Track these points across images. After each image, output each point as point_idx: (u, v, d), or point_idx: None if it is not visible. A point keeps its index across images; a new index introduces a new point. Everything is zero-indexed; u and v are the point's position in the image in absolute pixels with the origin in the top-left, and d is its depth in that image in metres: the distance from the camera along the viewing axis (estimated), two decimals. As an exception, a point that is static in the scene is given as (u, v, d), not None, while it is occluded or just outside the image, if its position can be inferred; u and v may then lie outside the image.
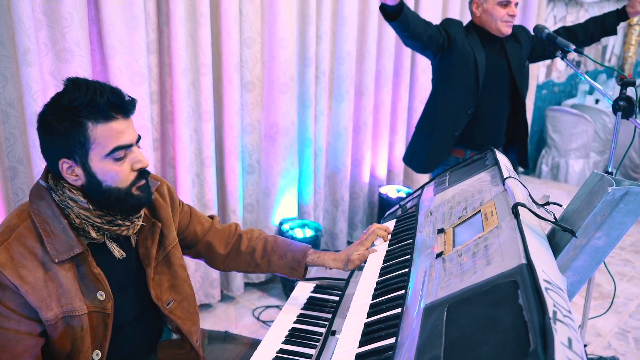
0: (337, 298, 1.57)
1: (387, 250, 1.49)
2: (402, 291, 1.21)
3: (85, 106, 1.16)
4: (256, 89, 2.89)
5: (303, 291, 1.64)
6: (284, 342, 1.38)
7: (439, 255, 1.20)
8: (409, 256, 1.36)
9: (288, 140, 3.00)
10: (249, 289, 3.14)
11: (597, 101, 5.24)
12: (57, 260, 1.18)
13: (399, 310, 1.14)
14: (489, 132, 2.68)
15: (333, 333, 1.32)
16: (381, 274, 1.37)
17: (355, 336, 1.14)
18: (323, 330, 1.41)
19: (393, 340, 1.05)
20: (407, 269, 1.30)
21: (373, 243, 1.58)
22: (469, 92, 2.57)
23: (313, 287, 1.67)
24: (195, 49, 2.55)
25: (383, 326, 1.12)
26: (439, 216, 1.45)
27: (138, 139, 1.26)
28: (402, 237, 1.52)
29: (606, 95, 2.05)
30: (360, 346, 1.10)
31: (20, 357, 1.18)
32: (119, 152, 1.20)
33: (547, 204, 1.33)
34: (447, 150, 2.65)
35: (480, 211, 1.28)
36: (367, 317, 1.19)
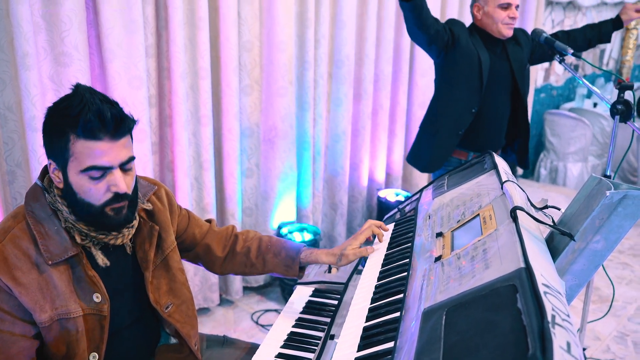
0: (335, 302, 1.57)
1: (386, 254, 1.49)
2: (401, 295, 1.21)
3: (71, 118, 1.14)
4: (255, 92, 2.89)
5: (302, 295, 1.64)
6: (282, 347, 1.38)
7: (438, 259, 1.20)
8: (408, 260, 1.36)
9: (287, 144, 3.00)
10: (248, 293, 3.14)
11: (595, 105, 5.25)
12: (50, 262, 1.18)
13: (397, 314, 1.14)
14: (491, 133, 2.70)
15: (332, 337, 1.32)
16: (380, 278, 1.37)
17: (354, 340, 1.14)
18: (322, 334, 1.41)
19: (392, 344, 1.05)
20: (405, 273, 1.30)
21: (372, 244, 1.58)
22: (473, 91, 2.59)
23: (312, 291, 1.66)
24: (193, 52, 2.55)
25: (382, 330, 1.12)
26: (438, 220, 1.45)
27: (127, 161, 1.20)
28: (400, 241, 1.52)
29: (604, 99, 2.06)
30: (359, 350, 1.10)
31: (14, 359, 1.17)
32: (94, 172, 1.17)
33: (546, 207, 1.33)
34: (451, 150, 2.67)
35: (478, 215, 1.28)
36: (366, 321, 1.19)
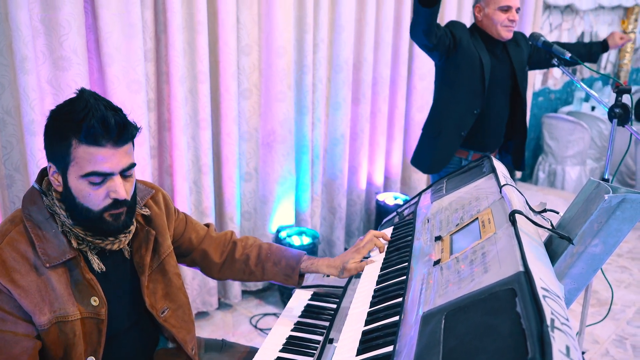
0: (334, 306, 1.56)
1: (385, 258, 1.49)
2: (400, 299, 1.21)
3: (74, 123, 1.14)
4: (253, 96, 2.89)
5: (300, 299, 1.64)
6: (281, 351, 1.37)
7: (437, 262, 1.20)
8: (407, 264, 1.36)
9: (285, 148, 3.00)
10: (247, 297, 3.14)
11: (593, 108, 5.26)
12: (48, 265, 1.18)
13: (396, 318, 1.14)
14: (491, 134, 2.73)
15: (331, 341, 1.32)
16: (379, 282, 1.37)
17: (353, 344, 1.14)
18: (321, 338, 1.41)
19: (391, 348, 1.05)
20: (404, 277, 1.30)
21: (369, 253, 1.57)
22: (475, 93, 2.61)
23: (310, 295, 1.66)
24: (192, 56, 2.55)
25: (381, 334, 1.12)
26: (437, 223, 1.45)
27: (128, 168, 1.21)
28: (399, 245, 1.52)
29: (602, 102, 2.06)
30: (358, 354, 1.10)
31: (17, 359, 1.17)
32: (95, 177, 1.17)
33: (544, 211, 1.33)
34: (454, 151, 2.70)
35: (477, 218, 1.28)
36: (365, 325, 1.19)
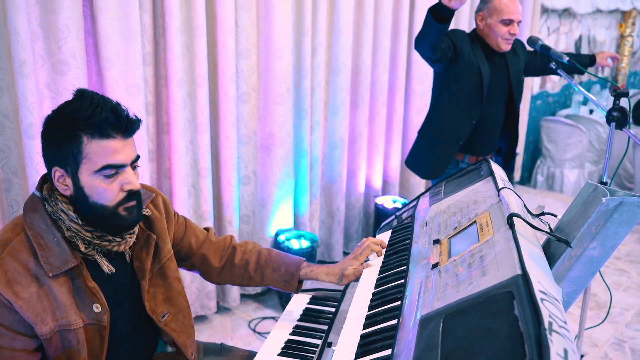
0: (333, 309, 1.56)
1: (383, 262, 1.49)
2: (398, 302, 1.21)
3: (83, 120, 1.15)
4: (252, 100, 2.90)
5: (299, 303, 1.64)
6: (279, 354, 1.37)
7: (435, 266, 1.20)
8: (405, 267, 1.36)
9: (284, 151, 3.01)
10: (245, 301, 3.13)
11: (591, 111, 5.27)
12: (51, 275, 1.18)
13: (395, 321, 1.14)
14: (487, 139, 2.75)
15: (329, 345, 1.32)
16: (377, 285, 1.37)
17: (351, 348, 1.14)
18: (319, 341, 1.41)
19: (389, 351, 1.05)
20: (403, 280, 1.30)
21: (367, 258, 1.57)
22: (473, 103, 2.63)
23: (309, 299, 1.66)
24: (191, 60, 2.56)
25: (379, 337, 1.12)
26: (435, 227, 1.45)
27: (135, 159, 1.24)
28: (398, 248, 1.52)
29: (600, 105, 2.07)
30: (356, 358, 1.10)
31: None
32: (109, 170, 1.19)
33: (542, 214, 1.33)
34: (451, 157, 2.73)
35: (475, 222, 1.28)
36: (364, 329, 1.19)
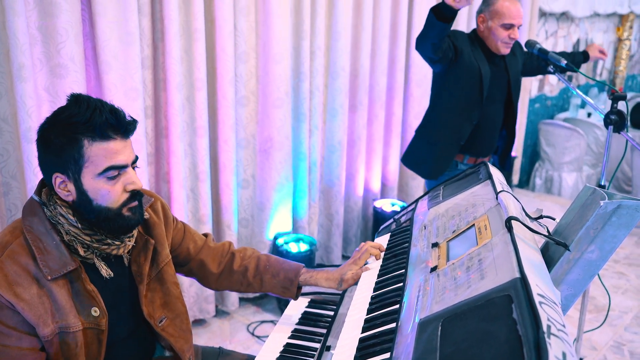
0: (331, 313, 1.56)
1: (382, 265, 1.49)
2: (397, 306, 1.21)
3: (82, 123, 1.16)
4: (251, 103, 2.90)
5: (298, 306, 1.64)
6: (278, 358, 1.37)
7: (433, 269, 1.20)
8: (404, 270, 1.36)
9: (282, 155, 3.01)
10: (244, 304, 3.13)
11: (589, 115, 5.28)
12: (50, 278, 1.18)
13: (393, 325, 1.14)
14: (486, 140, 2.76)
15: (328, 348, 1.32)
16: (376, 289, 1.37)
17: (350, 351, 1.14)
18: (318, 345, 1.41)
19: (388, 355, 1.05)
20: (401, 284, 1.30)
21: (366, 261, 1.57)
22: (474, 103, 2.64)
23: (308, 302, 1.66)
24: (189, 64, 2.56)
25: (378, 341, 1.12)
26: (433, 230, 1.45)
27: (135, 160, 1.25)
28: (396, 252, 1.52)
29: (598, 109, 2.07)
30: (355, 361, 1.10)
31: None
32: (112, 171, 1.20)
33: (541, 217, 1.33)
34: (452, 158, 2.74)
35: (474, 225, 1.29)
36: (362, 332, 1.19)
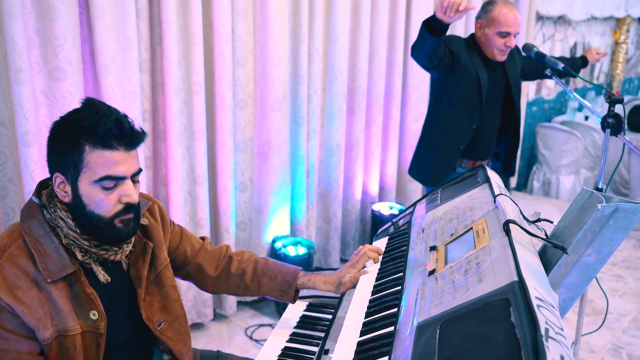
0: (330, 316, 1.56)
1: (380, 268, 1.49)
2: (395, 309, 1.21)
3: (87, 129, 1.16)
4: (249, 107, 2.90)
5: (296, 310, 1.63)
6: (276, 362, 1.37)
7: (432, 272, 1.20)
8: (402, 274, 1.36)
9: (280, 158, 3.01)
10: (242, 308, 3.12)
11: (586, 118, 5.30)
12: (49, 280, 1.17)
13: (392, 328, 1.14)
14: (484, 144, 2.76)
15: (326, 352, 1.31)
16: (374, 292, 1.37)
17: (348, 355, 1.14)
18: (316, 349, 1.40)
19: (386, 359, 1.05)
20: (399, 287, 1.30)
21: (365, 265, 1.57)
22: (473, 108, 2.65)
23: (306, 306, 1.66)
24: (187, 68, 2.56)
25: (376, 345, 1.12)
26: (431, 233, 1.45)
27: (137, 173, 1.23)
28: (394, 255, 1.52)
29: (595, 112, 2.08)
30: (353, 365, 1.09)
31: None
32: (108, 181, 1.18)
33: (538, 220, 1.33)
34: (453, 163, 2.74)
35: (471, 228, 1.29)
36: (360, 336, 1.19)
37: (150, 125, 2.55)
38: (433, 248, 1.33)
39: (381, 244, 1.70)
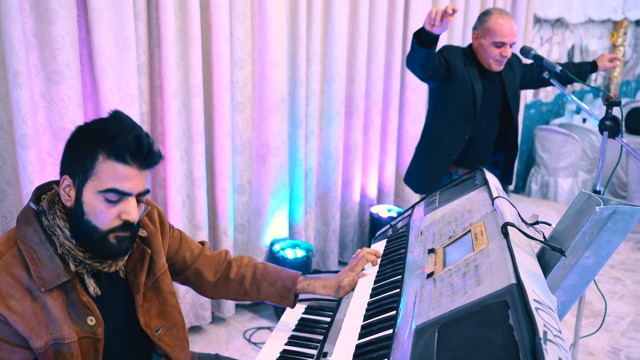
0: (328, 319, 1.56)
1: (378, 271, 1.49)
2: (394, 312, 1.21)
3: (106, 138, 1.16)
4: (247, 109, 2.90)
5: (294, 312, 1.63)
6: (275, 365, 1.37)
7: (430, 275, 1.20)
8: (400, 276, 1.36)
9: (279, 161, 3.01)
10: (240, 311, 3.12)
11: (584, 120, 5.31)
12: (43, 289, 1.17)
13: (390, 331, 1.14)
14: (479, 154, 2.77)
15: (325, 355, 1.31)
16: (372, 295, 1.37)
17: (346, 358, 1.13)
18: (314, 352, 1.40)
19: (385, 361, 1.04)
20: (398, 290, 1.30)
21: (363, 268, 1.57)
22: (466, 118, 2.66)
23: (304, 309, 1.66)
24: (186, 70, 2.56)
25: (375, 347, 1.12)
26: (430, 236, 1.45)
27: (143, 193, 1.23)
28: (393, 258, 1.52)
29: (593, 115, 2.08)
30: (351, 368, 1.09)
31: None
32: (113, 194, 1.18)
33: (537, 223, 1.34)
34: (445, 172, 2.75)
35: (470, 231, 1.29)
36: (359, 339, 1.19)
37: (148, 128, 2.55)
38: (431, 251, 1.33)
39: (379, 246, 1.70)
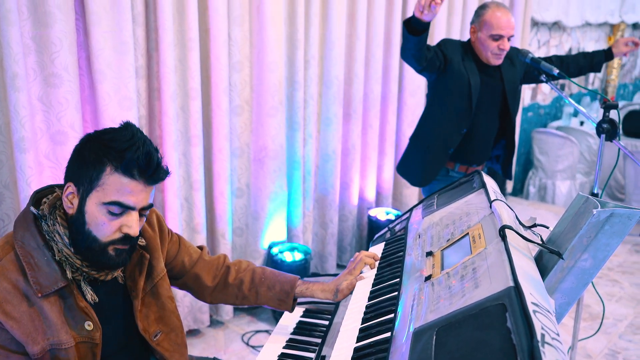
0: (326, 322, 1.56)
1: (377, 274, 1.49)
2: (392, 315, 1.21)
3: (115, 151, 1.16)
4: (245, 112, 2.90)
5: (292, 316, 1.63)
6: (273, 368, 1.36)
7: (428, 278, 1.20)
8: (398, 279, 1.36)
9: (277, 164, 3.01)
10: (238, 314, 3.11)
11: (581, 123, 5.32)
12: (40, 295, 1.16)
13: (388, 334, 1.14)
14: (478, 149, 2.76)
15: (323, 358, 1.31)
16: (370, 298, 1.37)
17: (345, 361, 1.13)
18: (313, 355, 1.40)
19: (383, 365, 1.04)
20: (396, 293, 1.30)
21: (361, 271, 1.57)
22: (462, 113, 2.64)
23: (302, 312, 1.65)
24: (184, 73, 2.56)
25: (373, 351, 1.12)
26: (428, 239, 1.45)
27: (146, 207, 1.22)
28: (391, 261, 1.52)
29: (590, 118, 2.09)
30: (350, 371, 1.09)
31: None
32: (116, 207, 1.17)
33: (534, 226, 1.34)
34: (441, 166, 2.74)
35: (468, 234, 1.29)
36: (357, 342, 1.19)
37: (146, 130, 2.55)
38: (429, 254, 1.34)
39: (378, 249, 1.70)
